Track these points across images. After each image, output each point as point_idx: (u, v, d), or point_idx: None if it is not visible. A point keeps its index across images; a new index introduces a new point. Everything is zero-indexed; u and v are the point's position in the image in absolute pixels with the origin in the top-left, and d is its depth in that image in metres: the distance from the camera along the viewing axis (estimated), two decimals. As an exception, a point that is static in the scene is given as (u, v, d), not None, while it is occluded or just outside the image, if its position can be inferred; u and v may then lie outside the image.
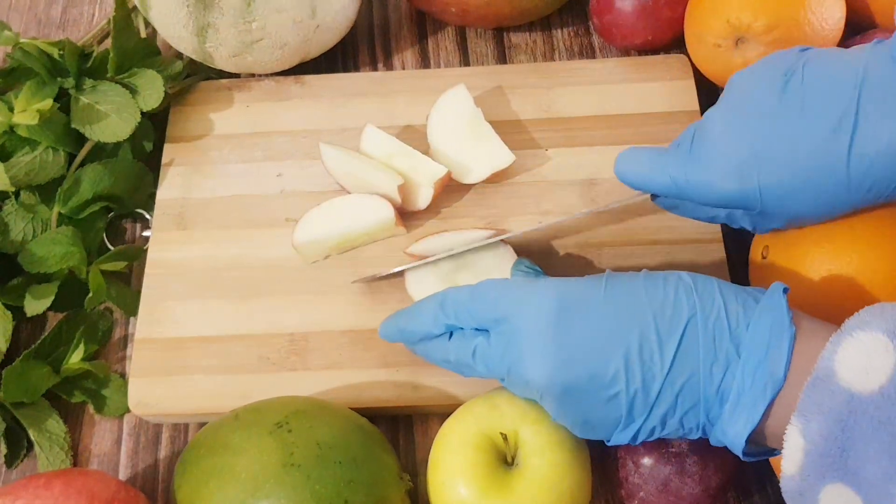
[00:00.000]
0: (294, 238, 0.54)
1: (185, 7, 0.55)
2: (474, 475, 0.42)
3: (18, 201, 0.56)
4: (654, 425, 0.39)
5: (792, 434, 0.34)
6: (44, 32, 0.69)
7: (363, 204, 0.54)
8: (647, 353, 0.38)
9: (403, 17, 0.67)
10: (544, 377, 0.39)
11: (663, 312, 0.38)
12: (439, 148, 0.56)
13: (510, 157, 0.55)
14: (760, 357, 0.36)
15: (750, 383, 0.36)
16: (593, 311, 0.39)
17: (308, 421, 0.44)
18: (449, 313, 0.43)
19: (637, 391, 0.38)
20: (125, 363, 0.55)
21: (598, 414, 0.39)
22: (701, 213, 0.48)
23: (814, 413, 0.33)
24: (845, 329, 0.34)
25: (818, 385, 0.33)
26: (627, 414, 0.39)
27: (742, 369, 0.37)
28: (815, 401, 0.33)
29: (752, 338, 0.37)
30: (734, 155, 0.42)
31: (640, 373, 0.38)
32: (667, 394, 0.38)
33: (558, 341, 0.39)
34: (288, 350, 0.52)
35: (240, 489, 0.41)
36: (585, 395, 0.39)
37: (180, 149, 0.59)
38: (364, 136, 0.57)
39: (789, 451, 0.34)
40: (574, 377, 0.39)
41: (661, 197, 0.48)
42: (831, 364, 0.33)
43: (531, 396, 0.42)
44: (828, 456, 0.33)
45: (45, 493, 0.43)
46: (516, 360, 0.40)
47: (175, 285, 0.54)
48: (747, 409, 0.36)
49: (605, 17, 0.61)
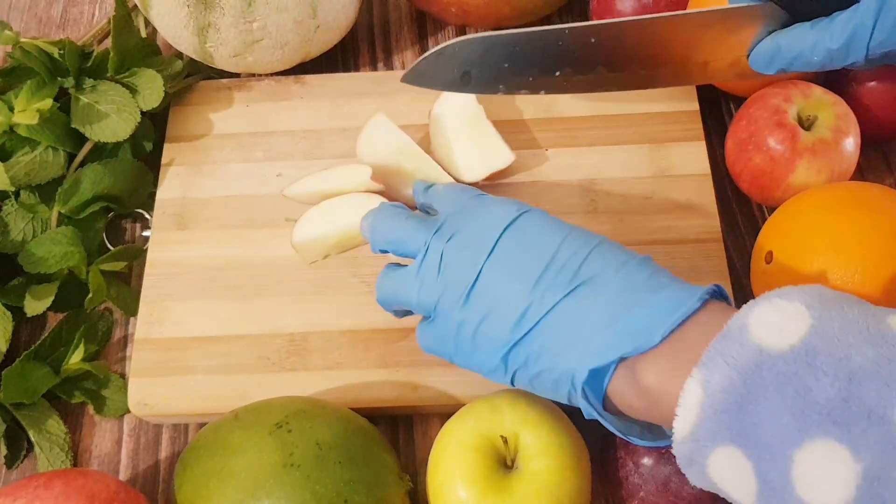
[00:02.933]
0: (293, 237, 0.54)
1: (186, 7, 0.55)
2: (474, 478, 0.42)
3: (18, 201, 0.56)
4: (529, 351, 0.39)
5: (690, 387, 0.33)
6: (44, 32, 0.69)
7: (363, 204, 0.54)
8: (564, 271, 0.38)
9: (403, 17, 0.67)
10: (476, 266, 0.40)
11: (599, 252, 0.39)
12: (440, 145, 0.56)
13: (510, 156, 0.55)
14: (648, 316, 0.36)
15: (623, 331, 0.36)
16: (544, 228, 0.41)
17: (308, 421, 0.44)
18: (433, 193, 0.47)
19: (534, 301, 0.38)
20: (125, 363, 0.55)
21: (494, 319, 0.39)
22: (807, 39, 0.44)
23: (718, 364, 0.32)
24: (764, 296, 0.34)
25: (728, 338, 0.33)
26: (515, 324, 0.38)
27: (626, 321, 0.36)
28: (721, 352, 0.32)
29: (653, 301, 0.36)
30: None
31: (546, 284, 0.38)
32: (555, 317, 0.38)
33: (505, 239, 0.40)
34: (288, 350, 0.52)
35: (240, 489, 0.41)
36: (496, 292, 0.39)
37: (180, 149, 0.59)
38: (370, 125, 0.55)
39: (685, 407, 0.33)
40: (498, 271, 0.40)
41: (763, 31, 0.46)
42: (745, 321, 0.33)
43: (447, 285, 0.41)
44: (724, 411, 0.32)
45: (44, 493, 0.43)
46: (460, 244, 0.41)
47: (175, 285, 0.54)
48: (603, 350, 0.36)
49: (606, 18, 0.61)
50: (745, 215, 0.57)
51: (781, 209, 0.50)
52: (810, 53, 0.44)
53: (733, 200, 0.58)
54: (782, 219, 0.49)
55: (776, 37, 0.46)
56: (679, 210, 0.54)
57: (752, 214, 0.57)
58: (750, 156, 0.53)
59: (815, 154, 0.51)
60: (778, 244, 0.48)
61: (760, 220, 0.57)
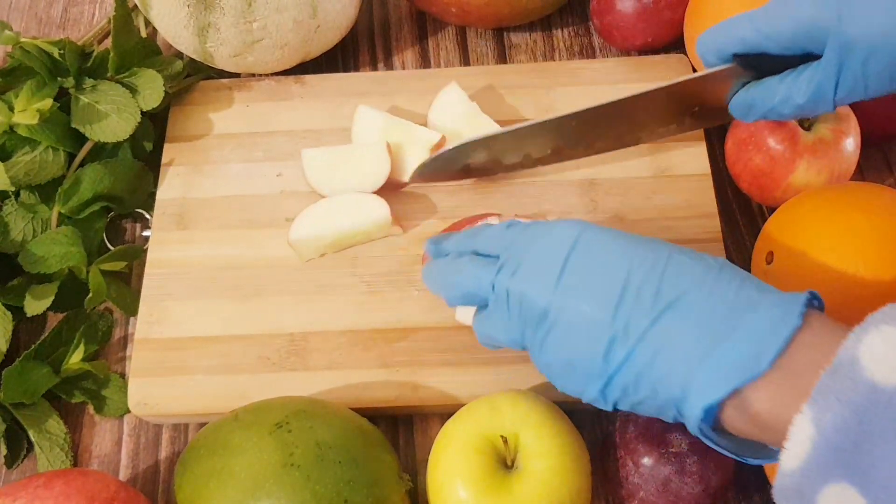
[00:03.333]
0: (290, 235, 0.54)
1: (186, 7, 0.55)
2: (474, 478, 0.42)
3: (18, 201, 0.56)
4: (626, 381, 0.38)
5: (801, 423, 0.32)
6: (44, 32, 0.69)
7: (359, 202, 0.54)
8: (642, 296, 0.37)
9: (403, 17, 0.67)
10: (548, 293, 0.39)
11: (676, 265, 0.38)
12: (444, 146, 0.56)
13: None
14: (753, 340, 0.35)
15: (731, 360, 0.35)
16: (612, 246, 0.39)
17: (308, 421, 0.44)
18: (480, 240, 0.44)
19: (619, 331, 0.37)
20: (125, 363, 0.55)
21: (581, 349, 0.38)
22: (777, 93, 0.46)
23: (830, 401, 0.31)
24: (870, 321, 0.32)
25: (839, 372, 0.31)
26: (605, 355, 0.38)
27: (730, 347, 0.35)
28: (833, 389, 0.31)
29: (752, 321, 0.35)
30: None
31: (628, 311, 0.37)
32: (647, 346, 0.37)
33: (570, 264, 0.39)
34: (288, 350, 0.52)
35: (240, 489, 0.41)
36: (577, 323, 0.38)
37: (180, 149, 0.59)
38: (356, 117, 0.57)
39: (794, 443, 0.32)
40: (574, 299, 0.38)
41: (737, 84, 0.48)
42: (855, 353, 0.31)
43: (528, 328, 0.41)
44: (839, 450, 0.30)
45: (44, 493, 0.43)
46: (524, 275, 0.40)
47: (175, 285, 0.54)
48: (716, 384, 0.35)
49: (606, 18, 0.61)
50: (745, 215, 0.57)
51: (781, 209, 0.50)
52: (781, 107, 0.46)
53: (733, 200, 0.58)
54: (782, 219, 0.49)
55: (749, 90, 0.48)
56: (679, 210, 0.54)
57: (752, 214, 0.57)
58: (750, 156, 0.53)
59: (815, 154, 0.51)
60: (778, 245, 0.48)
61: (760, 220, 0.57)
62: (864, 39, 0.41)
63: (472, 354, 0.50)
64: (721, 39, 0.46)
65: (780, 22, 0.44)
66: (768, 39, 0.44)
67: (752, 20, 0.45)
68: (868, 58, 0.41)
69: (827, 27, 0.42)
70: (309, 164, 0.56)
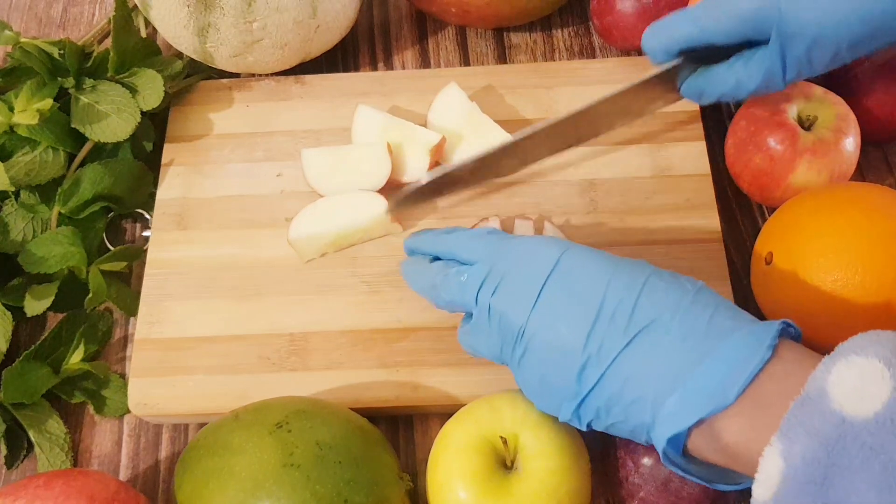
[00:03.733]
0: (289, 234, 0.54)
1: (186, 7, 0.55)
2: (473, 478, 0.42)
3: (18, 201, 0.56)
4: (599, 404, 0.38)
5: (770, 456, 0.31)
6: (44, 32, 0.69)
7: (358, 201, 0.54)
8: (616, 322, 0.37)
9: (403, 17, 0.67)
10: (525, 315, 0.39)
11: (651, 293, 0.38)
12: (444, 147, 0.56)
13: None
14: (721, 371, 0.35)
15: (697, 390, 0.35)
16: (590, 270, 0.40)
17: (308, 421, 0.44)
18: (456, 239, 0.45)
19: (592, 355, 0.37)
20: (125, 363, 0.55)
21: (555, 370, 0.39)
22: (728, 79, 0.48)
23: (799, 434, 0.31)
24: (839, 352, 0.32)
25: (807, 405, 0.31)
26: (577, 378, 0.38)
27: (698, 377, 0.35)
28: (802, 421, 0.31)
29: (722, 350, 0.35)
30: None
31: (602, 335, 0.37)
32: (618, 370, 0.37)
33: (550, 286, 0.39)
34: (288, 350, 0.52)
35: (240, 489, 0.41)
36: (552, 345, 0.39)
37: (180, 149, 0.59)
38: (356, 117, 0.57)
39: (765, 474, 0.32)
40: (550, 322, 0.39)
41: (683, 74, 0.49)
42: (823, 385, 0.31)
43: (503, 340, 0.41)
44: (808, 482, 0.30)
45: (44, 493, 0.43)
46: (505, 294, 0.40)
47: (175, 285, 0.54)
48: (682, 414, 0.35)
49: (606, 18, 0.61)
50: (745, 215, 0.57)
51: (781, 210, 0.50)
52: (735, 92, 0.48)
53: (733, 200, 0.58)
54: (782, 219, 0.49)
55: (699, 77, 0.49)
56: (679, 210, 0.54)
57: (752, 214, 0.57)
58: (750, 156, 0.53)
59: (816, 154, 0.51)
60: (778, 245, 0.48)
61: (760, 220, 0.57)
62: (806, 29, 0.43)
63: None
64: (665, 39, 0.48)
65: (723, 17, 0.45)
66: (712, 35, 0.46)
67: (694, 18, 0.46)
68: (811, 45, 0.44)
69: (769, 18, 0.43)
70: (309, 164, 0.56)
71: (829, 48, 0.44)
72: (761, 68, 0.46)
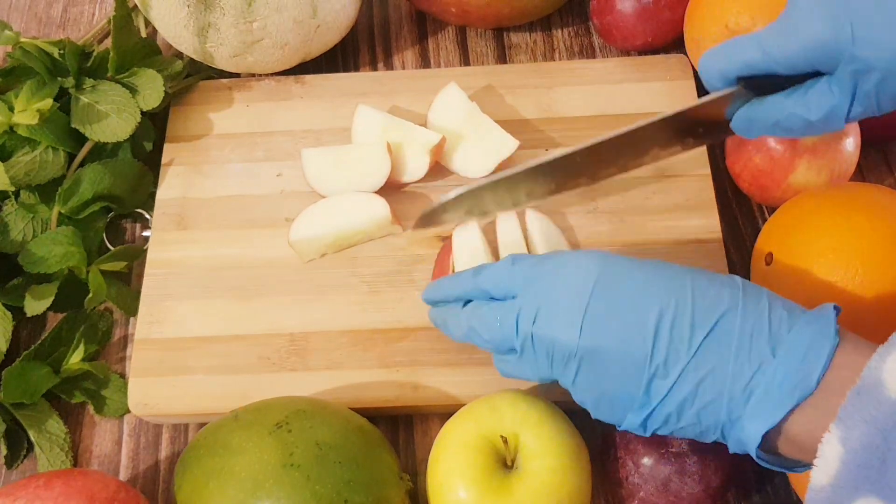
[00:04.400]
0: (290, 235, 0.54)
1: (186, 7, 0.55)
2: (473, 478, 0.42)
3: (18, 201, 0.56)
4: (669, 411, 0.38)
5: (830, 442, 0.33)
6: (44, 32, 0.69)
7: (359, 201, 0.54)
8: (677, 330, 0.37)
9: (403, 17, 0.67)
10: (575, 336, 0.39)
11: (703, 294, 0.38)
12: (444, 147, 0.56)
13: (514, 143, 0.55)
14: (797, 361, 0.36)
15: (780, 382, 0.36)
16: (634, 279, 0.39)
17: (308, 421, 0.44)
18: (480, 278, 0.44)
19: (659, 366, 0.37)
20: (125, 363, 0.55)
21: (618, 385, 0.39)
22: (784, 110, 0.44)
23: (856, 421, 0.32)
24: (893, 342, 0.33)
25: (864, 393, 0.32)
26: (645, 390, 0.38)
27: (775, 369, 0.36)
28: (858, 409, 0.32)
29: (792, 341, 0.36)
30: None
31: (665, 347, 0.37)
32: (689, 378, 0.37)
33: (595, 301, 0.39)
34: (288, 350, 0.52)
35: (240, 489, 0.41)
36: (611, 361, 0.38)
37: (180, 149, 0.59)
38: (356, 117, 0.57)
39: (824, 459, 0.33)
40: (605, 338, 0.38)
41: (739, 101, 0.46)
42: (879, 374, 0.32)
43: (556, 367, 0.40)
44: (866, 467, 0.32)
45: (44, 493, 0.43)
46: (547, 319, 0.40)
47: (175, 285, 0.54)
48: (770, 408, 0.36)
49: (606, 18, 0.61)
50: (745, 215, 0.57)
51: (781, 210, 0.50)
52: (788, 123, 0.44)
53: (733, 200, 0.58)
54: (782, 220, 0.49)
55: (752, 107, 0.45)
56: (679, 210, 0.54)
57: (752, 214, 0.57)
58: (750, 156, 0.53)
59: (816, 154, 0.51)
60: (778, 245, 0.48)
61: (760, 220, 0.57)
62: (879, 61, 0.39)
63: (472, 354, 0.50)
64: (724, 63, 0.44)
65: (790, 44, 0.42)
66: (776, 62, 0.42)
67: (759, 43, 0.43)
68: (883, 79, 0.40)
69: (840, 48, 0.40)
70: (308, 164, 0.56)
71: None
72: (825, 101, 0.42)
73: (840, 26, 0.40)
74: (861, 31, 0.39)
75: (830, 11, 0.40)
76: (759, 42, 0.43)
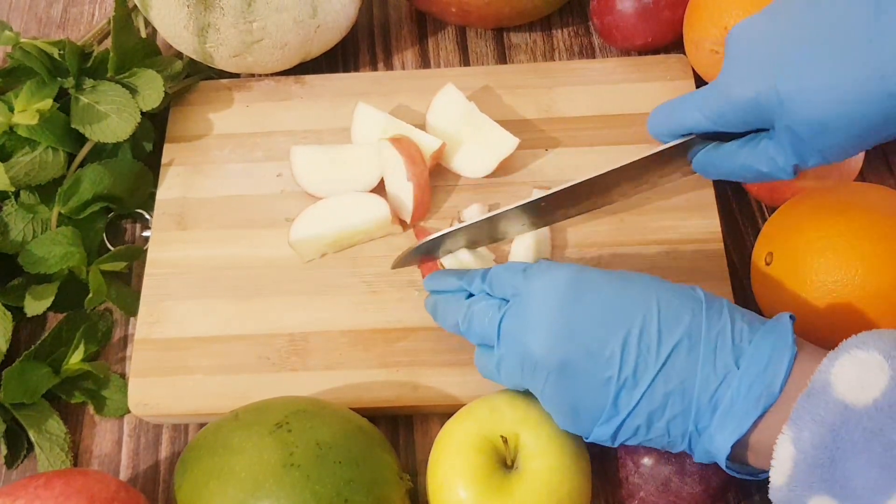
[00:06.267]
0: (290, 235, 0.54)
1: (186, 7, 0.55)
2: (474, 477, 0.42)
3: (18, 201, 0.56)
4: (638, 423, 0.39)
5: (783, 443, 0.34)
6: (44, 32, 0.69)
7: (359, 201, 0.54)
8: (644, 343, 0.38)
9: (403, 17, 0.67)
10: (544, 347, 0.40)
11: (668, 308, 0.39)
12: (445, 148, 0.56)
13: (514, 141, 0.55)
14: (759, 370, 0.37)
15: (745, 393, 0.37)
16: (602, 292, 0.40)
17: (308, 421, 0.44)
18: (486, 280, 0.45)
19: (627, 379, 0.38)
20: (125, 363, 0.55)
21: (586, 397, 0.39)
22: (736, 160, 0.45)
23: (807, 422, 0.34)
24: (843, 347, 0.35)
25: (813, 396, 0.34)
26: (613, 402, 0.39)
27: (739, 380, 0.37)
28: (809, 410, 0.34)
29: (753, 352, 0.37)
30: (753, 58, 0.41)
31: (633, 360, 0.38)
32: (657, 389, 0.38)
33: (564, 314, 0.40)
34: (288, 350, 0.52)
35: (240, 489, 0.41)
36: (579, 373, 0.39)
37: (180, 149, 0.59)
38: (355, 115, 0.57)
39: (779, 461, 0.35)
40: (572, 351, 0.39)
41: (696, 147, 0.47)
42: (827, 377, 0.34)
43: (525, 375, 0.41)
44: (817, 466, 0.33)
45: (44, 493, 0.43)
46: (521, 330, 0.41)
47: (175, 285, 0.54)
48: (738, 418, 0.37)
49: (606, 18, 0.61)
50: (745, 215, 0.57)
51: (781, 210, 0.50)
52: (743, 172, 0.45)
53: (733, 200, 0.58)
54: (782, 220, 0.49)
55: (709, 153, 0.46)
56: (679, 210, 0.54)
57: (752, 214, 0.57)
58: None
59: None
60: (778, 245, 0.48)
61: (760, 220, 0.57)
62: (809, 120, 0.39)
63: (472, 354, 0.50)
64: (672, 125, 0.46)
65: (724, 107, 0.43)
66: (717, 124, 0.44)
67: (698, 107, 0.44)
68: (816, 135, 0.40)
69: (770, 108, 0.40)
70: (298, 162, 0.56)
71: (838, 136, 0.39)
72: (770, 154, 0.42)
73: (767, 86, 0.40)
74: (786, 88, 0.39)
75: (758, 72, 0.41)
76: (698, 106, 0.44)
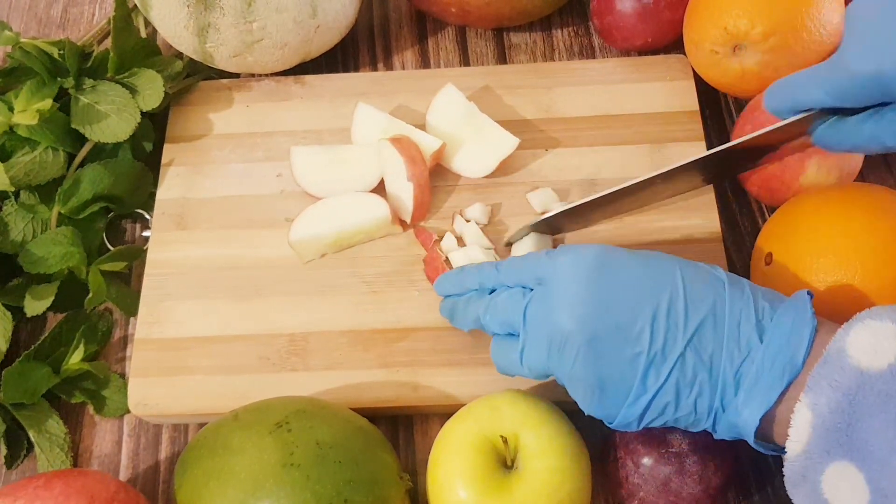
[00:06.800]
0: (290, 235, 0.54)
1: (186, 7, 0.55)
2: (473, 477, 0.42)
3: (18, 201, 0.56)
4: (667, 401, 0.39)
5: (800, 410, 0.35)
6: (44, 32, 0.69)
7: (359, 202, 0.54)
8: (672, 318, 0.39)
9: (403, 17, 0.67)
10: (575, 322, 0.40)
11: (693, 285, 0.39)
12: (445, 148, 0.56)
13: (514, 140, 0.55)
14: (782, 345, 0.37)
15: (769, 367, 0.37)
16: (630, 269, 0.41)
17: (308, 421, 0.44)
18: (502, 271, 0.45)
19: (657, 354, 0.38)
20: (125, 363, 0.55)
21: (614, 374, 0.39)
22: (862, 134, 0.43)
23: (823, 388, 0.34)
24: (857, 318, 0.36)
25: (829, 362, 0.35)
26: (642, 380, 0.39)
27: (762, 355, 0.38)
28: (825, 376, 0.35)
29: (775, 327, 0.38)
30: (873, 32, 0.40)
31: (662, 335, 0.39)
32: (686, 364, 0.38)
33: (593, 289, 0.40)
34: (288, 350, 0.52)
35: (240, 489, 0.41)
36: (608, 349, 0.39)
37: (180, 149, 0.59)
38: (355, 115, 0.57)
39: (796, 428, 0.35)
40: (602, 326, 0.39)
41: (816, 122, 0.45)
42: (843, 345, 0.35)
43: (552, 356, 0.41)
44: (834, 430, 0.34)
45: (44, 493, 0.43)
46: (549, 308, 0.41)
47: (175, 285, 0.54)
48: (763, 391, 0.37)
49: (606, 18, 0.61)
50: (745, 215, 0.57)
51: (781, 210, 0.50)
52: (869, 144, 0.43)
53: (733, 200, 0.58)
54: (782, 220, 0.49)
55: (834, 126, 0.45)
56: (679, 210, 0.54)
57: (752, 214, 0.57)
58: (755, 158, 0.53)
59: (825, 155, 0.50)
60: (778, 246, 0.48)
61: (760, 220, 0.57)
62: None
63: (472, 354, 0.50)
64: (793, 102, 0.44)
65: (846, 83, 0.41)
66: (838, 99, 0.42)
67: (818, 84, 0.42)
68: None
69: (894, 83, 0.39)
70: (298, 162, 0.56)
71: None
72: (891, 129, 0.42)
73: (889, 61, 0.39)
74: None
75: (879, 47, 0.39)
76: (818, 83, 0.42)
